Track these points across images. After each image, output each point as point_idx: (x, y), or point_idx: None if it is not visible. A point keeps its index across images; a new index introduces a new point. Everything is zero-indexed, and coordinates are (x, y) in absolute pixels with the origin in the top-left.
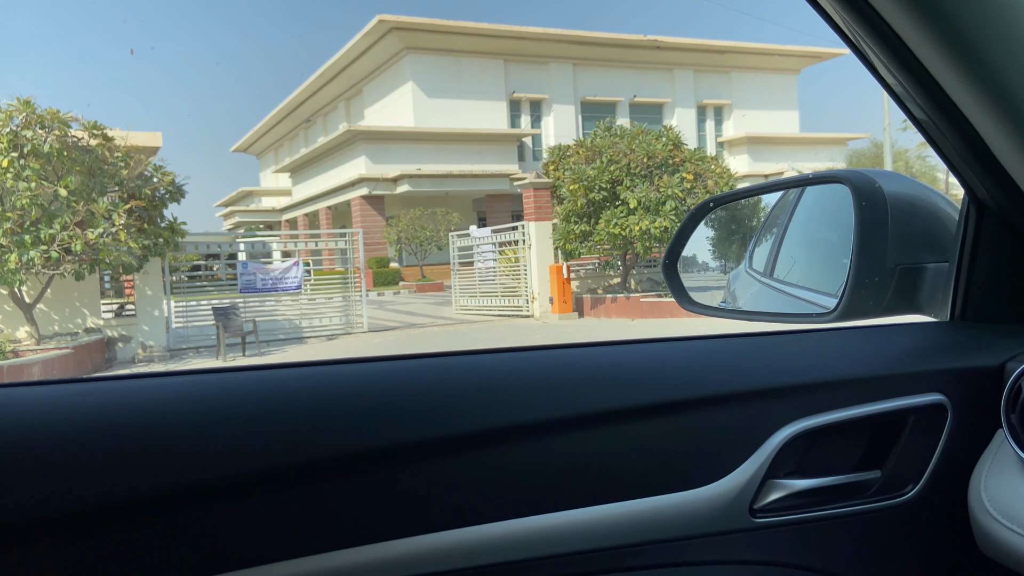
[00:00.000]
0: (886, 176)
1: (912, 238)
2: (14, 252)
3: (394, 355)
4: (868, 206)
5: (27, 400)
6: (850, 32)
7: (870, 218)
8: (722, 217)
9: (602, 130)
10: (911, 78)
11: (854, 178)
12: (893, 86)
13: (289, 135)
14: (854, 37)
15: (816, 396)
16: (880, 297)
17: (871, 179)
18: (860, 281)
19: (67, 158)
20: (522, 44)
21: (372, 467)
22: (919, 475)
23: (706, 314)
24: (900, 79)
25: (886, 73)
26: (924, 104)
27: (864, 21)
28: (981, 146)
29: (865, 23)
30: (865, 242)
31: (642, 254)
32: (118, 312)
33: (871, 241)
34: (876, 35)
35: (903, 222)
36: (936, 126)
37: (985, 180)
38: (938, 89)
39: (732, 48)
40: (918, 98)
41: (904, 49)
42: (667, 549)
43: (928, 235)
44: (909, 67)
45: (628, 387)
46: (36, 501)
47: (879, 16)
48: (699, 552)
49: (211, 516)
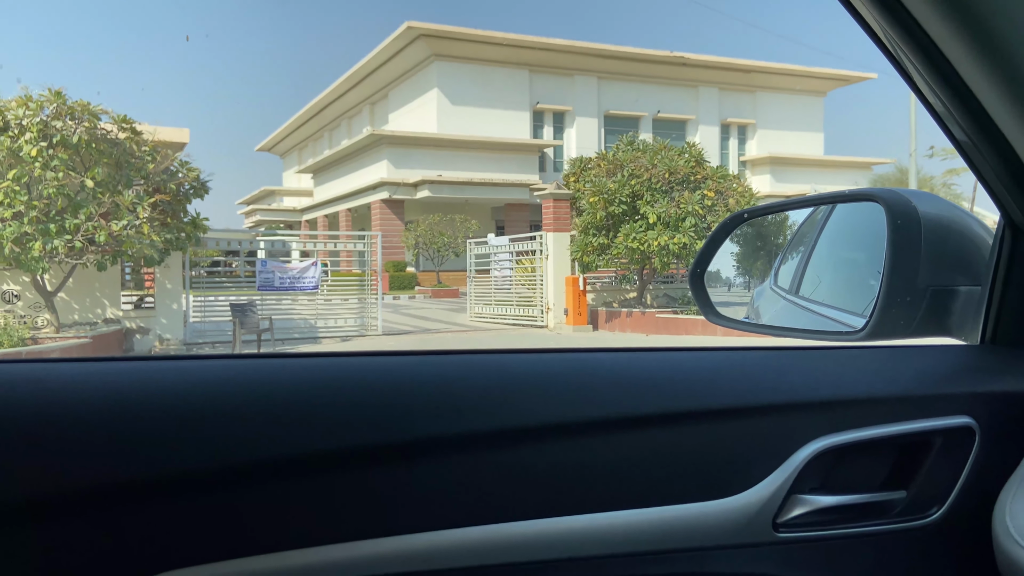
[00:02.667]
0: (920, 196)
1: (945, 260)
2: (39, 240)
3: (420, 350)
4: (902, 225)
5: (64, 376)
6: (893, 48)
7: (903, 238)
8: (747, 233)
9: (624, 144)
10: (954, 97)
11: (888, 197)
12: (935, 104)
13: (313, 136)
14: (897, 53)
15: (843, 413)
16: (911, 318)
17: (906, 198)
18: (891, 301)
19: (95, 150)
20: (548, 55)
21: (396, 459)
22: (944, 497)
23: (733, 328)
24: (942, 98)
25: (928, 91)
26: (965, 124)
27: (909, 38)
28: (1020, 169)
29: (910, 40)
30: (897, 262)
31: (660, 269)
32: (137, 304)
33: (903, 261)
34: (920, 52)
35: (936, 243)
36: (976, 147)
37: (1022, 203)
38: (980, 109)
39: (758, 67)
40: (959, 118)
41: (948, 67)
42: (688, 558)
43: (961, 257)
44: (952, 86)
45: (656, 394)
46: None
47: (924, 33)
48: (721, 563)
49: (234, 499)
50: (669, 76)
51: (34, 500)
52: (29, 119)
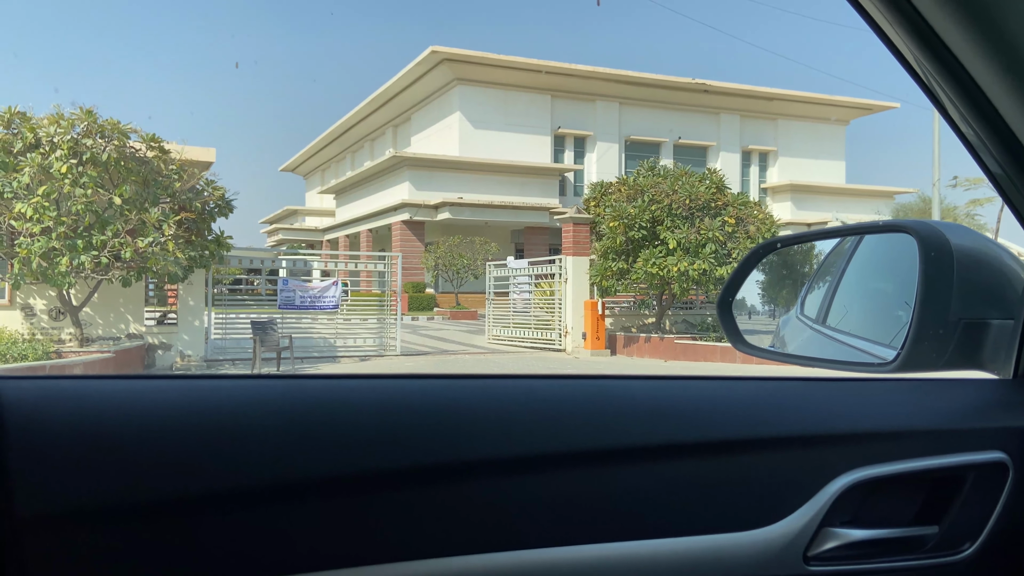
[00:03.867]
0: (952, 228)
1: (977, 292)
2: (66, 255)
3: (435, 374)
4: (935, 257)
5: (104, 392)
6: (926, 78)
7: (935, 270)
8: (773, 262)
9: (645, 169)
10: (987, 127)
11: (920, 228)
12: (967, 135)
13: (336, 158)
14: (930, 83)
15: (875, 446)
16: (942, 351)
17: (938, 230)
18: (922, 333)
19: (123, 168)
20: (570, 81)
21: (411, 484)
22: (977, 533)
23: (760, 356)
24: (976, 128)
25: (962, 122)
26: (999, 155)
27: (943, 67)
28: None
29: (944, 69)
30: (929, 294)
31: (679, 295)
32: (160, 320)
33: (935, 293)
34: (955, 83)
35: (968, 276)
36: (1009, 178)
37: None
38: (1015, 140)
39: (780, 95)
40: (994, 149)
41: (982, 98)
42: None
43: (993, 290)
44: (986, 116)
45: (685, 423)
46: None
47: (959, 63)
48: None
49: (241, 522)
50: (690, 103)
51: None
52: (60, 136)
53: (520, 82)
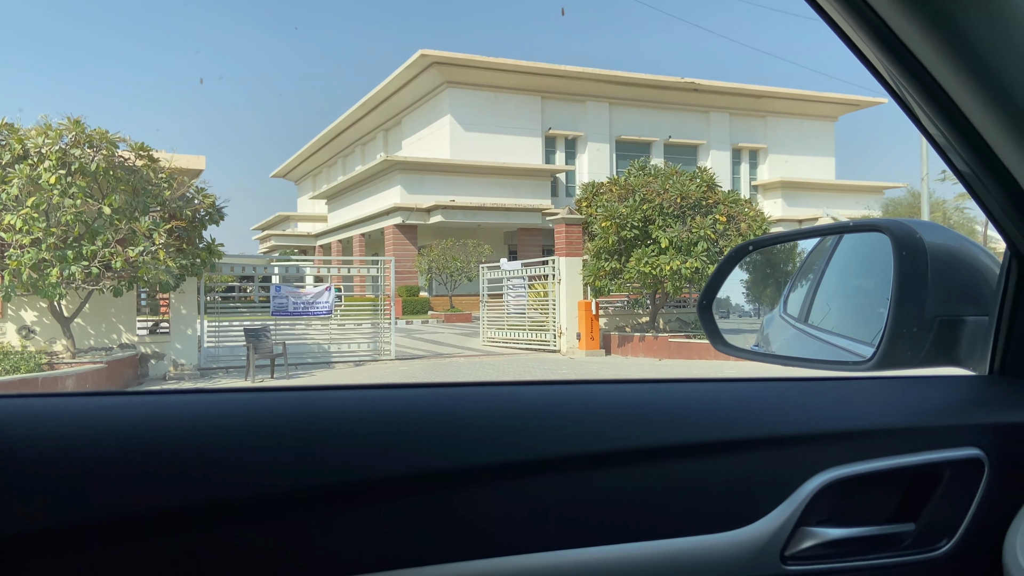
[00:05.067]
0: (926, 227)
1: (952, 290)
2: (56, 266)
3: (428, 383)
4: (908, 256)
5: (71, 410)
6: (893, 82)
7: (910, 268)
8: (757, 261)
9: (636, 169)
10: (954, 129)
11: (894, 227)
12: (936, 137)
13: (328, 163)
14: (897, 87)
15: (851, 444)
16: (918, 348)
17: (912, 229)
18: (898, 331)
19: (112, 177)
20: (559, 82)
21: (404, 492)
22: (954, 530)
23: (740, 356)
24: (943, 130)
25: (929, 124)
26: (967, 156)
27: (908, 72)
28: (1023, 199)
29: (909, 74)
30: (904, 292)
31: (672, 294)
32: (152, 329)
33: (910, 291)
34: (920, 86)
35: (943, 273)
36: (978, 178)
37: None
38: (980, 141)
39: (769, 93)
40: (961, 150)
41: (948, 100)
42: None
43: (968, 287)
44: (952, 118)
45: (660, 426)
46: (78, 508)
47: (923, 67)
48: None
49: (241, 533)
50: (680, 102)
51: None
52: (48, 147)
53: (510, 84)
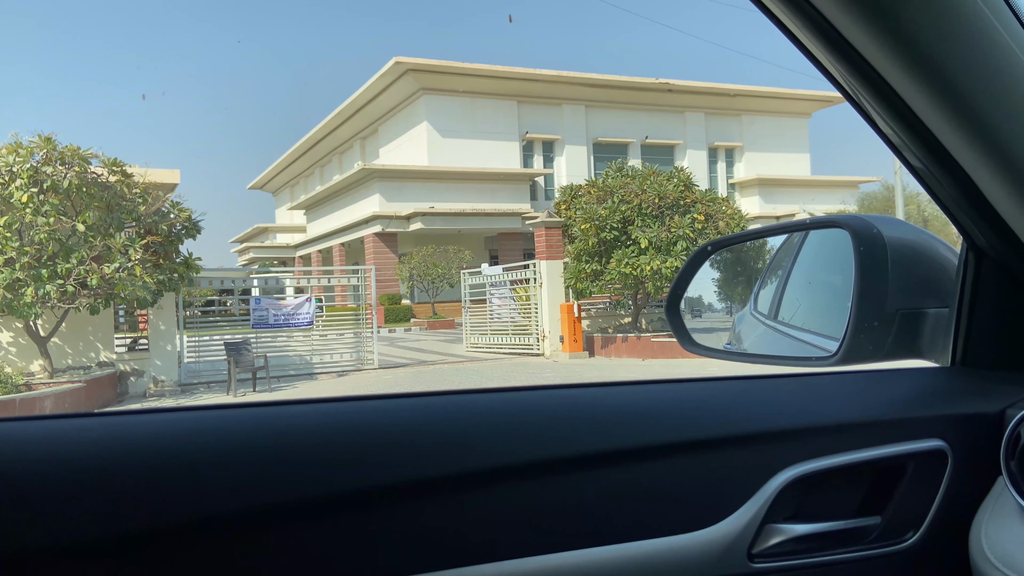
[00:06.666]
0: (886, 222)
1: (913, 283)
2: (31, 286)
3: (403, 393)
4: (867, 251)
5: (29, 434)
6: (847, 85)
7: (870, 263)
8: (728, 259)
9: (614, 170)
10: (906, 128)
11: (853, 223)
12: (889, 136)
13: (305, 173)
14: (851, 89)
15: (815, 440)
16: (881, 342)
17: (870, 224)
18: (861, 326)
19: (86, 194)
20: (535, 86)
21: (389, 501)
22: (919, 522)
23: (708, 355)
24: (895, 129)
25: (882, 123)
26: (919, 153)
27: (856, 72)
28: (977, 194)
29: (857, 74)
30: (865, 287)
31: (653, 294)
32: (131, 346)
33: (871, 286)
34: (871, 88)
35: (903, 267)
36: (932, 174)
37: (982, 227)
38: (932, 139)
39: (743, 91)
40: (913, 147)
41: (898, 100)
42: None
43: (929, 280)
44: (903, 117)
45: (626, 429)
46: (39, 533)
47: (871, 67)
48: None
49: (236, 548)
50: (656, 103)
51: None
52: (19, 165)
53: (486, 89)
